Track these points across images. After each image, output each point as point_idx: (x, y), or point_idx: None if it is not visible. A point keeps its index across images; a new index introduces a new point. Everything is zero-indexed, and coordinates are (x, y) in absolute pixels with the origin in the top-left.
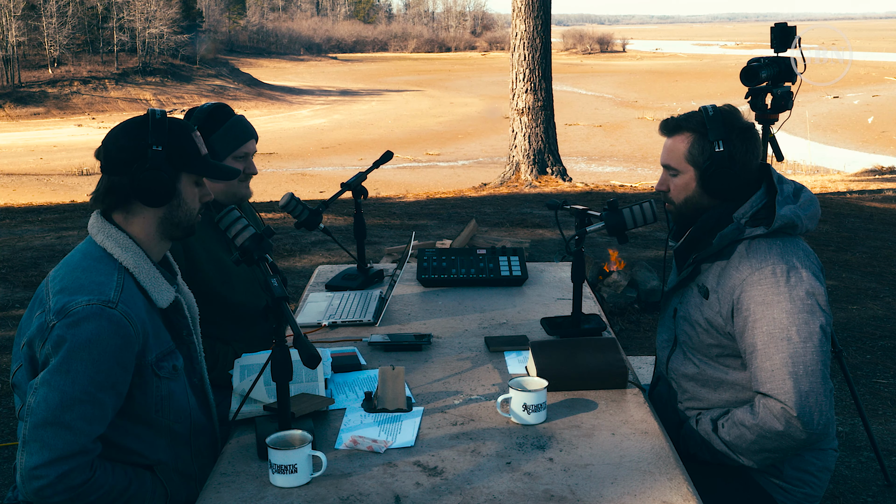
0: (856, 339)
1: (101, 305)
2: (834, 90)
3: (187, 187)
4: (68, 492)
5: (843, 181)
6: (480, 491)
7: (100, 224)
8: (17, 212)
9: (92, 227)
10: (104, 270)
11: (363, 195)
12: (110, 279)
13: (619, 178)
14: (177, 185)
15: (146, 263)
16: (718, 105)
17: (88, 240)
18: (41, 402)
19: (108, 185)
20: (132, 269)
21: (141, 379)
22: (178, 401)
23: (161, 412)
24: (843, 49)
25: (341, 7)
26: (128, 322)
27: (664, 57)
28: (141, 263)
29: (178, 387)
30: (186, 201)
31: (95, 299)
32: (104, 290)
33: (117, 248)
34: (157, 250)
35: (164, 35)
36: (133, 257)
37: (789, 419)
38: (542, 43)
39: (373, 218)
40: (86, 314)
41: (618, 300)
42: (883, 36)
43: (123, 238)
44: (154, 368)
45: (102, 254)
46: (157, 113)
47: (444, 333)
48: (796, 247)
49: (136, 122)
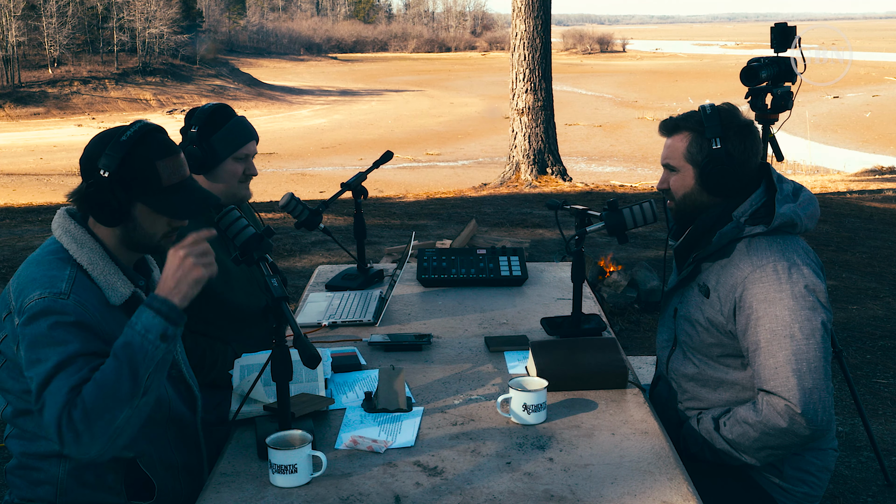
0: (856, 339)
1: (52, 297)
2: (834, 90)
3: (144, 213)
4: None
5: (843, 181)
6: (480, 491)
7: (61, 220)
8: (17, 212)
9: (54, 222)
10: (57, 265)
11: (363, 195)
12: (62, 273)
13: (619, 178)
14: (131, 211)
15: (102, 260)
16: (718, 104)
17: (51, 237)
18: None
19: (77, 189)
20: (85, 265)
21: None
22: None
23: None
24: (843, 49)
25: (341, 7)
26: (82, 310)
27: (664, 57)
28: (96, 259)
29: None
30: (143, 226)
31: (47, 292)
32: (55, 283)
33: (73, 243)
34: (127, 257)
35: (164, 35)
36: (88, 253)
37: (793, 416)
38: (542, 43)
39: (373, 218)
40: (39, 308)
41: (618, 300)
42: (883, 36)
43: (81, 233)
44: None
45: (58, 248)
46: (127, 133)
47: (444, 333)
48: (796, 245)
49: (106, 136)
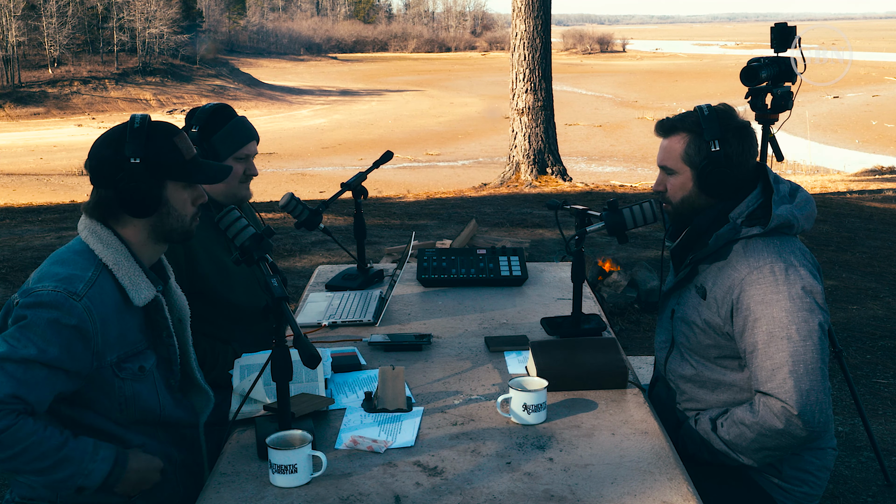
0: (856, 339)
1: (65, 294)
2: (834, 90)
3: (175, 194)
4: None
5: (843, 181)
6: (480, 491)
7: (87, 222)
8: (17, 212)
9: (80, 224)
10: (82, 264)
11: (363, 195)
12: (84, 273)
13: (619, 178)
14: (162, 194)
15: (128, 261)
16: (714, 104)
17: (77, 237)
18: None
19: (96, 197)
20: (111, 265)
21: (101, 380)
22: (145, 401)
23: (126, 411)
24: (843, 49)
25: (341, 7)
26: (87, 317)
27: (664, 57)
28: (121, 261)
29: (145, 387)
30: (176, 208)
31: (62, 287)
32: (73, 282)
33: (99, 243)
34: (151, 254)
35: (164, 35)
36: (114, 254)
37: (790, 417)
38: (542, 43)
39: (373, 218)
40: (48, 299)
41: (618, 300)
42: (883, 36)
43: (108, 235)
44: (115, 369)
45: (84, 248)
46: (137, 120)
47: (444, 333)
48: (793, 246)
49: (116, 131)
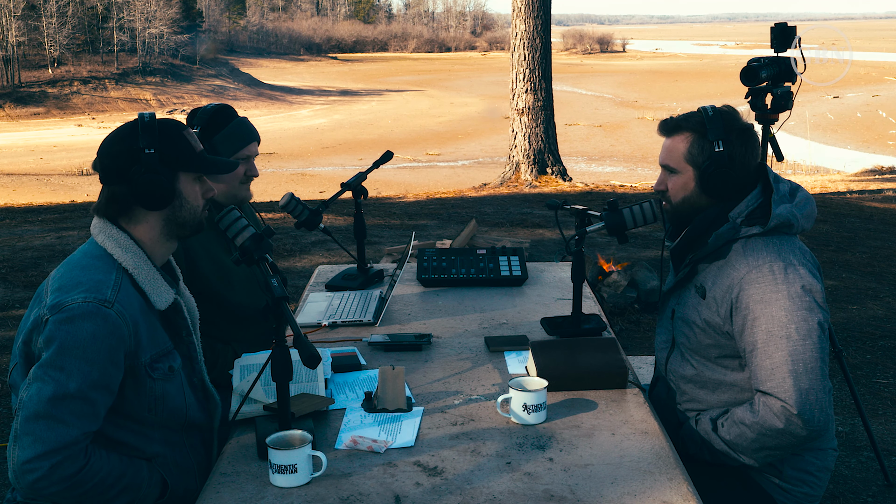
0: (856, 339)
1: (97, 304)
2: (834, 90)
3: (187, 186)
4: (63, 482)
5: (843, 181)
6: (480, 491)
7: (101, 225)
8: (17, 212)
9: (94, 227)
10: (103, 269)
11: (363, 195)
12: (108, 277)
13: (619, 178)
14: (176, 186)
15: (146, 265)
16: (717, 106)
17: (90, 240)
18: (34, 395)
19: (108, 195)
20: (131, 270)
21: (134, 380)
22: (172, 401)
23: (154, 411)
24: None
25: (341, 7)
26: (122, 322)
27: (664, 57)
28: (140, 264)
29: (174, 387)
30: (189, 200)
31: (92, 297)
32: (101, 289)
33: (117, 248)
34: (162, 253)
35: (164, 35)
36: (133, 258)
37: (790, 417)
38: (542, 43)
39: (373, 218)
40: (81, 311)
41: (618, 300)
42: (883, 36)
43: (124, 238)
44: (148, 370)
45: (102, 253)
46: (146, 116)
47: (444, 333)
48: (792, 245)
49: (127, 128)
